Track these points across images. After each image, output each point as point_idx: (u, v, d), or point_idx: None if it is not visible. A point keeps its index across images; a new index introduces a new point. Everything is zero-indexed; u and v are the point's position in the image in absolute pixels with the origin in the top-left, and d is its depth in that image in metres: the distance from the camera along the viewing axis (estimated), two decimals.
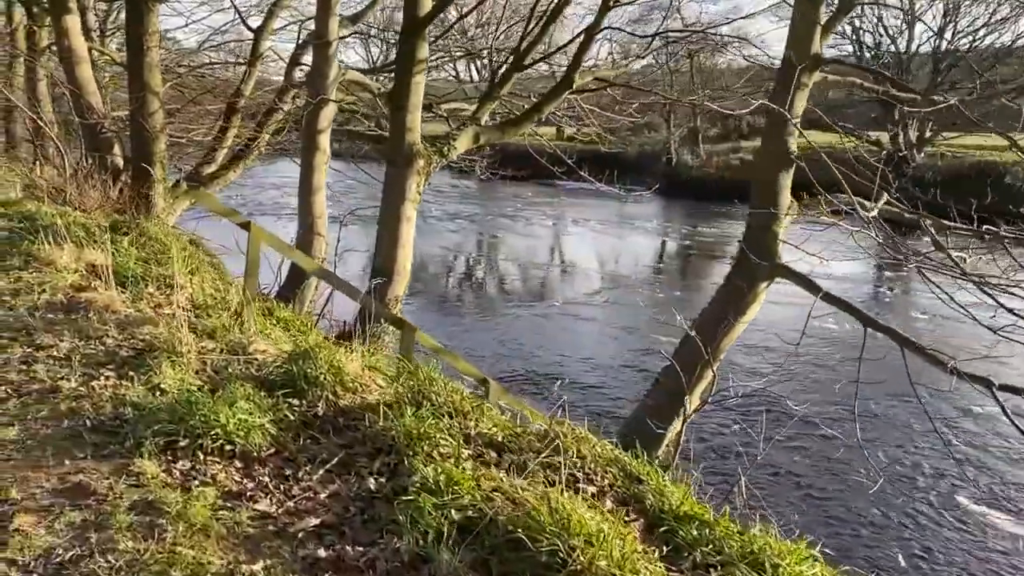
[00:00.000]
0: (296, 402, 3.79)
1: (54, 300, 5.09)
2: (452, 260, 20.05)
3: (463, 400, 3.59)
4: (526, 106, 9.71)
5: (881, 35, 33.54)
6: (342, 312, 8.70)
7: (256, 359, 4.28)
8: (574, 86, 7.74)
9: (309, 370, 3.91)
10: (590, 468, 3.01)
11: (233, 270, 8.36)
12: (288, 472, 3.07)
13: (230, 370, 4.09)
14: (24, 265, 6.11)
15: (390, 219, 7.30)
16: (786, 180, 7.62)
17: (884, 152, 32.92)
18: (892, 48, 33.99)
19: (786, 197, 7.55)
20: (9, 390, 3.62)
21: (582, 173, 10.43)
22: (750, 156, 38.59)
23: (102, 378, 3.78)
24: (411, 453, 3.03)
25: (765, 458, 6.78)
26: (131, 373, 3.84)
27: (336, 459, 3.11)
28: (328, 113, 7.94)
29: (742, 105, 14.00)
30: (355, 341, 7.35)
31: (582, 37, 7.82)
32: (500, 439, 3.30)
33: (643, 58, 8.72)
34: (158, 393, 3.65)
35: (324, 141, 8.01)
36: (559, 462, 3.00)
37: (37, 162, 17.45)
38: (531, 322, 14.00)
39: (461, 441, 3.21)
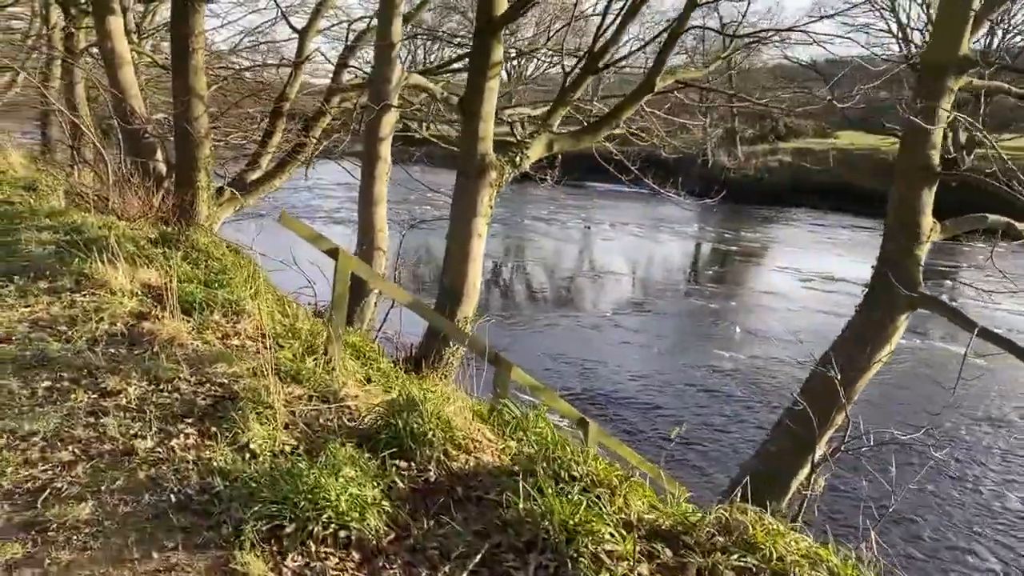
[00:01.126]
0: (403, 464, 3.24)
1: (114, 331, 4.60)
2: (490, 267, 19.45)
3: (608, 471, 3.01)
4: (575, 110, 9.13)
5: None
6: (402, 329, 8.16)
7: (348, 406, 3.73)
8: (656, 89, 7.15)
9: (415, 424, 3.36)
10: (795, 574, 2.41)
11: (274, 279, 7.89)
12: (422, 573, 2.51)
13: (322, 421, 3.55)
14: (76, 286, 5.65)
15: (460, 234, 6.75)
16: (928, 198, 6.89)
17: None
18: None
19: (928, 217, 6.83)
20: (77, 450, 3.11)
21: (647, 180, 9.81)
22: (789, 158, 37.60)
23: (181, 435, 3.26)
24: (573, 554, 2.45)
25: (899, 507, 6.12)
26: (213, 428, 3.31)
27: (478, 555, 2.54)
28: (390, 120, 7.42)
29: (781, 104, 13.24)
30: (428, 370, 6.86)
31: (665, 37, 7.22)
32: (667, 527, 2.72)
33: (722, 59, 8.07)
34: (248, 456, 3.12)
35: (385, 149, 7.49)
36: (754, 565, 2.41)
37: (75, 166, 17.23)
38: (578, 333, 13.39)
39: (623, 532, 2.62)
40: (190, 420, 3.40)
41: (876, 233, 27.11)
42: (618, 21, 7.60)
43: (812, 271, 19.14)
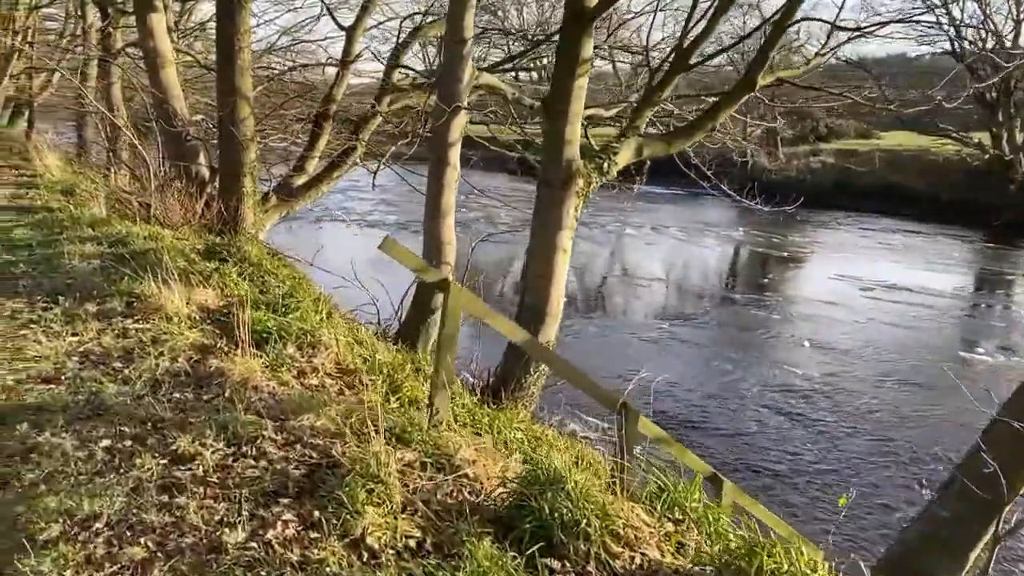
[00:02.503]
0: (556, 565, 2.55)
1: (176, 368, 3.97)
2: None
3: None
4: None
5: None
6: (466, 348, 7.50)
7: (467, 475, 3.05)
8: (756, 88, 6.41)
9: (564, 509, 2.67)
10: None
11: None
12: None
13: (440, 496, 2.88)
14: (128, 310, 5.05)
15: (543, 249, 6.06)
16: None
17: (986, 156, 30.53)
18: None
19: None
20: (152, 544, 2.47)
21: (724, 187, 9.05)
22: (832, 159, 36.43)
23: (278, 523, 2.60)
24: None
25: None
26: (316, 512, 2.65)
27: None
28: (460, 123, 6.76)
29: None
30: (508, 399, 6.18)
31: (769, 30, 6.48)
32: None
33: (824, 56, 7.29)
34: (366, 555, 2.45)
35: (455, 155, 6.82)
36: None
37: (112, 168, 16.85)
38: (635, 347, 12.62)
39: None
40: (286, 500, 2.74)
41: (930, 238, 25.99)
42: (710, 14, 6.86)
43: (871, 279, 18.18)
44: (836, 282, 17.99)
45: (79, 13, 23.02)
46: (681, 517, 3.08)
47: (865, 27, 7.15)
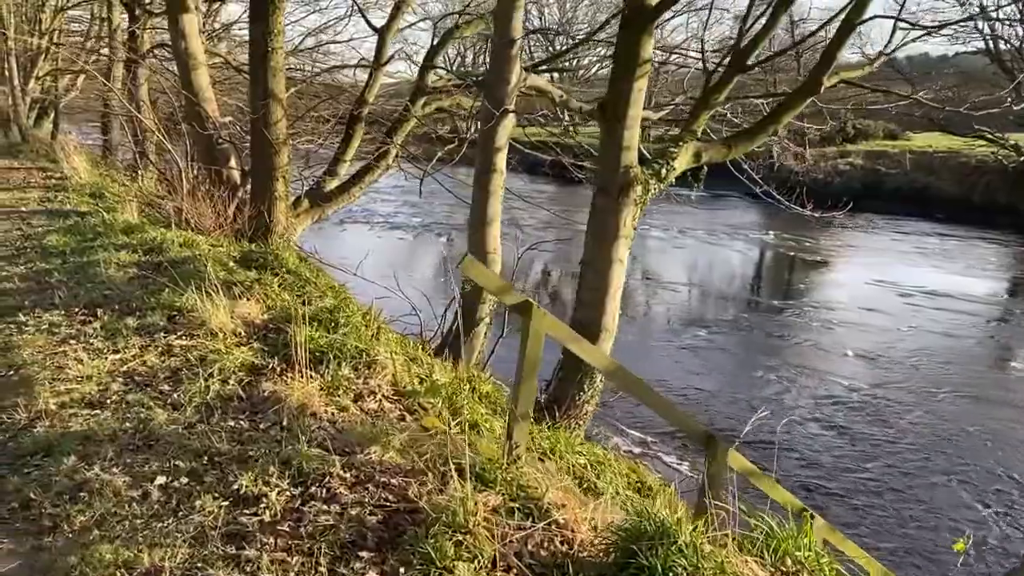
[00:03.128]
0: None
1: (228, 392, 3.71)
2: (565, 277, 18.28)
3: None
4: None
5: None
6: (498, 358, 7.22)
7: (558, 522, 2.75)
8: (821, 90, 6.06)
9: (679, 569, 2.35)
10: None
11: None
12: None
13: (531, 547, 2.58)
14: (170, 324, 4.80)
15: (599, 261, 5.74)
16: None
17: (1023, 158, 29.72)
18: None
19: None
20: None
21: (774, 193, 8.70)
22: (861, 160, 35.77)
23: None
24: None
25: None
26: (401, 570, 2.35)
27: None
28: (507, 127, 6.47)
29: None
30: (562, 418, 5.88)
31: (836, 28, 6.12)
32: None
33: (889, 54, 6.91)
34: None
35: (501, 161, 6.54)
36: None
37: (139, 171, 16.75)
38: (675, 356, 12.26)
39: None
40: (365, 553, 2.45)
41: (966, 242, 25.33)
42: (769, 11, 6.52)
43: (910, 284, 17.66)
44: (874, 288, 17.50)
45: (104, 16, 23.09)
46: (795, 569, 2.75)
47: (931, 25, 6.76)
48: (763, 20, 6.54)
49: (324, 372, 3.92)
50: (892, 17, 6.51)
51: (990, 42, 30.24)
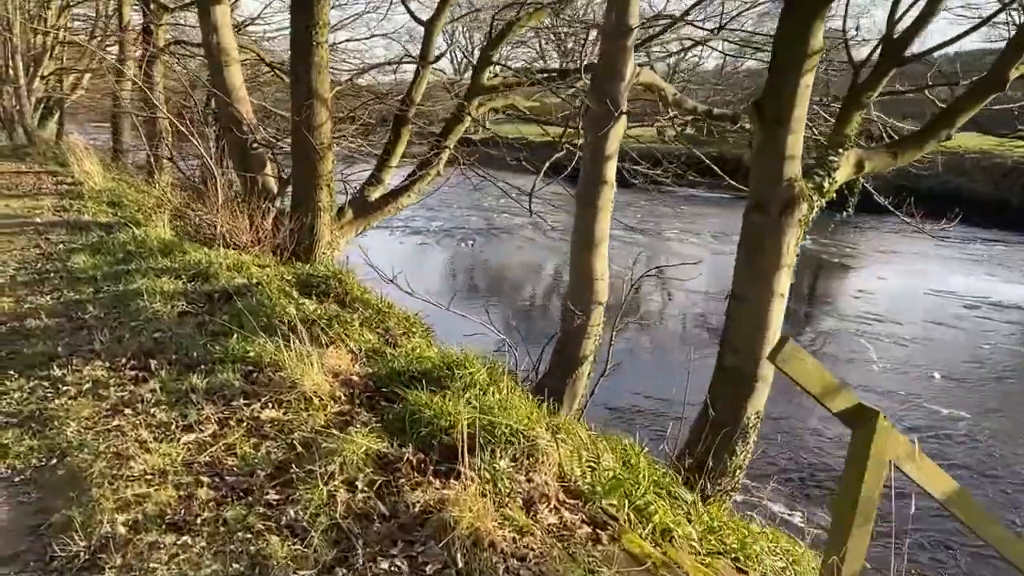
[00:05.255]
0: None
1: (363, 508, 2.70)
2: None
3: None
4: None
5: None
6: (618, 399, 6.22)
7: None
8: (1007, 85, 5.08)
9: None
10: None
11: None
12: None
13: None
14: (249, 385, 3.80)
15: (755, 295, 4.72)
16: None
17: None
18: None
19: None
20: None
21: (887, 204, 7.70)
22: None
23: None
24: None
25: None
26: None
27: None
28: (619, 131, 5.46)
29: None
30: (712, 486, 4.88)
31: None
32: None
33: None
34: None
35: (612, 171, 5.54)
36: None
37: (154, 175, 15.76)
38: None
39: None
40: None
41: (1013, 247, 24.31)
42: None
43: (971, 294, 16.67)
44: (935, 298, 16.50)
45: (109, 12, 22.08)
46: None
47: None
48: (920, 4, 5.55)
49: (477, 466, 2.90)
50: None
51: None
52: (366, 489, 2.76)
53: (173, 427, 3.35)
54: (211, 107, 13.88)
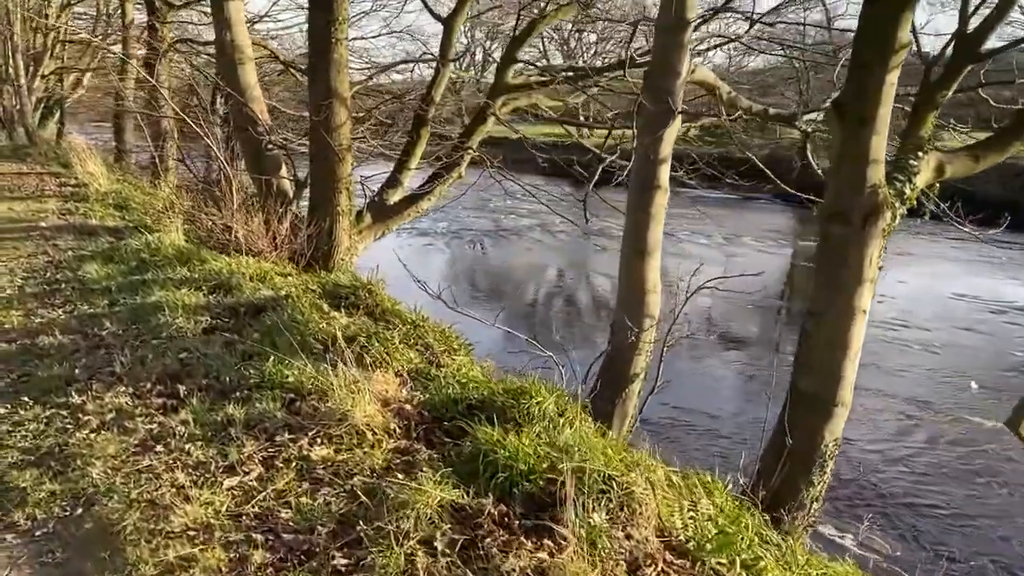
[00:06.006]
0: None
1: (444, 572, 2.30)
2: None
3: None
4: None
5: None
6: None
7: None
8: None
9: None
10: None
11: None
12: None
13: None
14: (292, 416, 3.41)
15: (835, 312, 4.28)
16: None
17: None
18: None
19: None
20: None
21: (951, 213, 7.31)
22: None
23: None
24: None
25: None
26: None
27: None
28: (674, 133, 5.07)
29: None
30: (788, 520, 4.46)
31: None
32: None
33: None
34: None
35: (666, 175, 5.15)
36: None
37: (157, 175, 15.37)
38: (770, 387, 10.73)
39: None
40: None
41: None
42: None
43: (995, 299, 16.28)
44: (959, 303, 16.11)
45: (111, 11, 21.66)
46: None
47: None
48: None
49: (571, 520, 2.51)
50: None
51: None
52: (448, 551, 2.37)
53: (212, 468, 2.97)
54: (215, 106, 13.50)
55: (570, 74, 9.46)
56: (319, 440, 3.17)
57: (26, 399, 3.74)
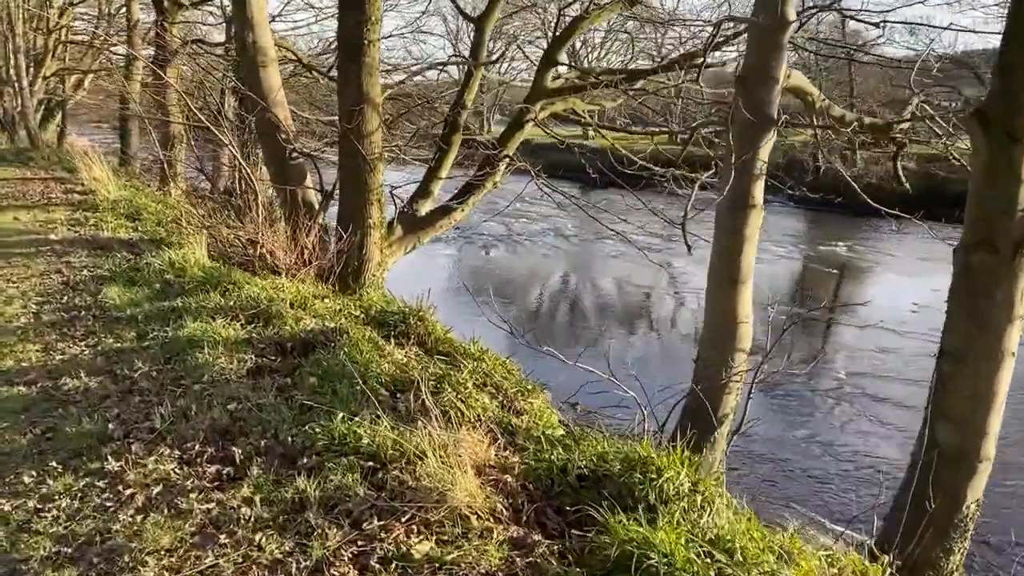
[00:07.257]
0: None
1: None
2: (651, 310, 15.71)
3: None
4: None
5: None
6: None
7: None
8: None
9: None
10: None
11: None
12: None
13: None
14: (375, 491, 2.87)
15: (978, 354, 3.69)
16: None
17: None
18: None
19: None
20: None
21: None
22: (914, 164, 34.01)
23: None
24: None
25: None
26: None
27: None
28: (769, 145, 4.53)
29: None
30: None
31: None
32: None
33: None
34: None
35: (760, 191, 4.62)
36: None
37: (165, 182, 14.80)
38: (818, 408, 10.18)
39: None
40: None
41: None
42: None
43: None
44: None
45: (113, 11, 21.10)
46: None
47: None
48: None
49: None
50: None
51: None
52: None
53: (293, 570, 2.41)
54: (225, 110, 12.97)
55: (610, 77, 8.92)
56: (415, 528, 2.62)
57: (53, 464, 3.20)
